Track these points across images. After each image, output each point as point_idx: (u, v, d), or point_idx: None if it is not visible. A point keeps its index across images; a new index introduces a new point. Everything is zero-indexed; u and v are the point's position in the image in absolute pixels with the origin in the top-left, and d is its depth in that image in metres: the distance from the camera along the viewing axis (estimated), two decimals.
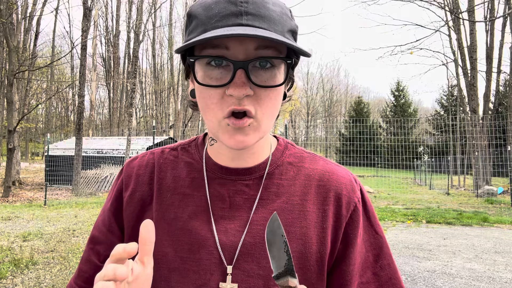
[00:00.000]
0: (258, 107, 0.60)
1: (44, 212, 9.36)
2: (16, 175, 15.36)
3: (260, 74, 0.60)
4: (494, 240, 6.77)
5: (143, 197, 0.73)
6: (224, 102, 0.60)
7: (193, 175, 0.72)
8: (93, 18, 18.95)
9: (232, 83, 0.58)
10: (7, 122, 12.82)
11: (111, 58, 29.73)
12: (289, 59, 0.60)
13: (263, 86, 0.59)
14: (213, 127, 0.63)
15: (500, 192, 14.16)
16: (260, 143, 0.70)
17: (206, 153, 0.74)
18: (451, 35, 18.46)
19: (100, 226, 0.75)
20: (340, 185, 0.69)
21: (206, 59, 0.60)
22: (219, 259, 0.65)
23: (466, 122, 16.57)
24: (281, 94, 0.64)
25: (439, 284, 4.42)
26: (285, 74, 0.62)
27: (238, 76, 0.58)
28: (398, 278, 0.70)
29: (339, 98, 59.95)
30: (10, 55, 13.00)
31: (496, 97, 24.37)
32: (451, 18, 17.20)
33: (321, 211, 0.68)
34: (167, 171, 0.74)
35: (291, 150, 0.75)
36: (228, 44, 0.58)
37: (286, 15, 0.62)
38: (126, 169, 0.77)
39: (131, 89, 15.65)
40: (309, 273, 0.65)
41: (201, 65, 0.61)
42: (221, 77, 0.60)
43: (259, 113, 0.61)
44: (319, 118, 53.94)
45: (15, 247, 5.68)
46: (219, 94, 0.60)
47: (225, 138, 0.62)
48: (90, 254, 0.74)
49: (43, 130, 38.87)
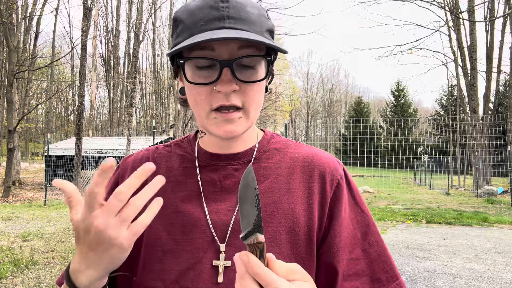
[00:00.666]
0: (244, 100, 0.67)
1: (44, 212, 9.37)
2: (16, 175, 15.36)
3: (244, 71, 0.66)
4: (494, 240, 6.77)
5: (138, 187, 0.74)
6: (213, 98, 0.66)
7: (186, 164, 0.77)
8: (93, 18, 18.94)
9: (219, 80, 0.65)
10: (7, 122, 12.82)
11: (111, 58, 29.72)
12: (268, 56, 0.68)
13: (247, 82, 0.66)
14: (202, 120, 0.69)
15: (500, 192, 14.16)
16: (247, 132, 0.75)
17: (198, 145, 0.79)
18: (451, 35, 18.46)
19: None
20: (323, 164, 0.74)
21: (195, 61, 0.66)
22: (212, 237, 0.68)
23: (466, 122, 16.58)
24: (263, 87, 0.71)
25: (439, 284, 4.42)
26: (266, 70, 0.69)
27: (225, 74, 0.64)
28: (388, 255, 0.72)
29: (339, 98, 59.94)
30: (10, 55, 13.00)
31: (496, 97, 24.39)
32: (451, 18, 17.20)
33: (307, 188, 0.72)
34: (161, 163, 0.79)
35: (276, 139, 0.81)
36: (214, 46, 0.65)
37: (264, 16, 0.69)
38: (122, 164, 0.82)
39: (131, 89, 15.65)
40: (299, 247, 0.68)
41: (190, 66, 0.67)
42: (209, 76, 0.66)
43: (246, 105, 0.67)
44: (319, 118, 53.94)
45: (15, 247, 5.68)
46: (207, 90, 0.66)
47: (214, 129, 0.68)
48: None
49: (43, 130, 38.83)
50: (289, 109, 34.48)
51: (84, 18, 12.74)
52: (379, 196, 14.34)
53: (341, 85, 60.86)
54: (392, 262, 0.73)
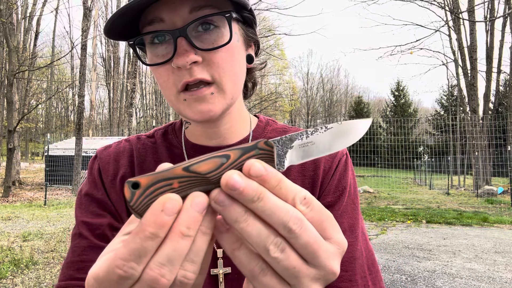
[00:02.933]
0: (213, 72, 0.57)
1: (44, 212, 9.36)
2: (16, 175, 15.36)
3: (205, 38, 0.57)
4: (494, 240, 6.77)
5: (125, 178, 0.69)
6: (176, 77, 0.57)
7: (174, 159, 0.69)
8: (93, 18, 18.95)
9: (176, 54, 0.55)
10: (7, 122, 12.82)
11: (111, 58, 29.74)
12: (227, 12, 0.56)
13: (208, 49, 0.56)
14: (173, 105, 0.61)
15: (500, 192, 14.16)
16: (235, 117, 0.68)
17: (184, 136, 0.72)
18: (451, 35, 18.46)
19: (89, 213, 0.69)
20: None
21: (149, 40, 0.58)
22: None
23: (466, 122, 16.57)
24: (236, 55, 0.60)
25: (439, 284, 4.42)
26: (230, 31, 0.57)
27: (180, 45, 0.55)
28: (357, 225, 0.66)
29: (339, 98, 59.91)
30: (10, 55, 13.00)
31: (496, 97, 24.38)
32: (451, 18, 17.20)
33: (308, 177, 0.67)
34: (146, 155, 0.71)
35: (273, 126, 0.73)
36: (161, 15, 0.56)
37: None
38: (100, 156, 0.72)
39: (131, 89, 15.65)
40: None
41: (148, 48, 0.59)
42: (167, 53, 0.57)
43: (217, 77, 0.57)
44: (319, 118, 53.91)
45: (15, 247, 5.68)
46: (167, 70, 0.58)
47: (188, 112, 0.59)
48: (91, 239, 0.65)
49: (43, 130, 38.86)
50: (289, 109, 34.47)
51: (84, 18, 12.73)
52: (379, 196, 14.33)
53: (341, 85, 60.82)
54: (360, 233, 0.67)
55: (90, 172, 0.72)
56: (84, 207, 0.69)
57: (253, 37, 0.66)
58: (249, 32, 0.65)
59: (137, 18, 0.59)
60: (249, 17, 0.64)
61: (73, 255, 0.65)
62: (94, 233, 0.66)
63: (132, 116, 16.87)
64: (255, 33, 0.67)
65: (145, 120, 40.63)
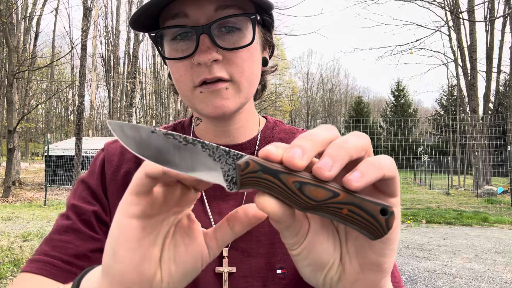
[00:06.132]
0: (232, 71, 0.58)
1: (44, 212, 9.36)
2: (16, 175, 15.36)
3: (227, 38, 0.58)
4: (494, 240, 6.77)
5: (129, 173, 0.68)
6: (194, 73, 0.58)
7: None
8: (93, 18, 18.94)
9: (197, 50, 0.56)
10: (7, 122, 12.81)
11: (111, 58, 29.73)
12: (252, 14, 0.58)
13: (230, 49, 0.57)
14: (187, 100, 0.61)
15: (500, 192, 14.16)
16: (246, 117, 0.68)
17: (193, 134, 0.72)
18: (451, 35, 18.47)
19: (80, 198, 0.68)
20: None
21: (171, 34, 0.58)
22: None
23: (466, 122, 16.57)
24: (255, 56, 0.62)
25: (439, 284, 4.42)
26: (252, 33, 0.59)
27: (202, 42, 0.56)
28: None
29: (339, 98, 59.90)
30: (10, 55, 12.99)
31: (496, 97, 24.36)
32: (451, 18, 17.20)
33: None
34: None
35: (280, 127, 0.74)
36: (186, 11, 0.56)
37: None
38: (108, 148, 0.73)
39: (131, 89, 15.66)
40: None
41: (167, 41, 0.60)
42: (187, 48, 0.58)
43: (235, 75, 0.59)
44: (319, 118, 53.91)
45: (15, 247, 5.68)
46: (186, 65, 0.58)
47: (202, 107, 0.60)
48: (75, 222, 0.64)
49: (43, 130, 38.86)
50: (289, 109, 34.46)
51: (84, 18, 12.72)
52: None
53: (341, 85, 60.79)
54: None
55: (94, 162, 0.73)
56: (77, 192, 0.69)
57: (269, 40, 0.68)
58: (267, 36, 0.66)
59: (159, 11, 0.60)
60: (268, 21, 0.65)
61: (54, 233, 0.66)
62: (80, 217, 0.65)
63: (132, 116, 16.88)
64: (271, 37, 0.68)
65: (145, 120, 40.61)
